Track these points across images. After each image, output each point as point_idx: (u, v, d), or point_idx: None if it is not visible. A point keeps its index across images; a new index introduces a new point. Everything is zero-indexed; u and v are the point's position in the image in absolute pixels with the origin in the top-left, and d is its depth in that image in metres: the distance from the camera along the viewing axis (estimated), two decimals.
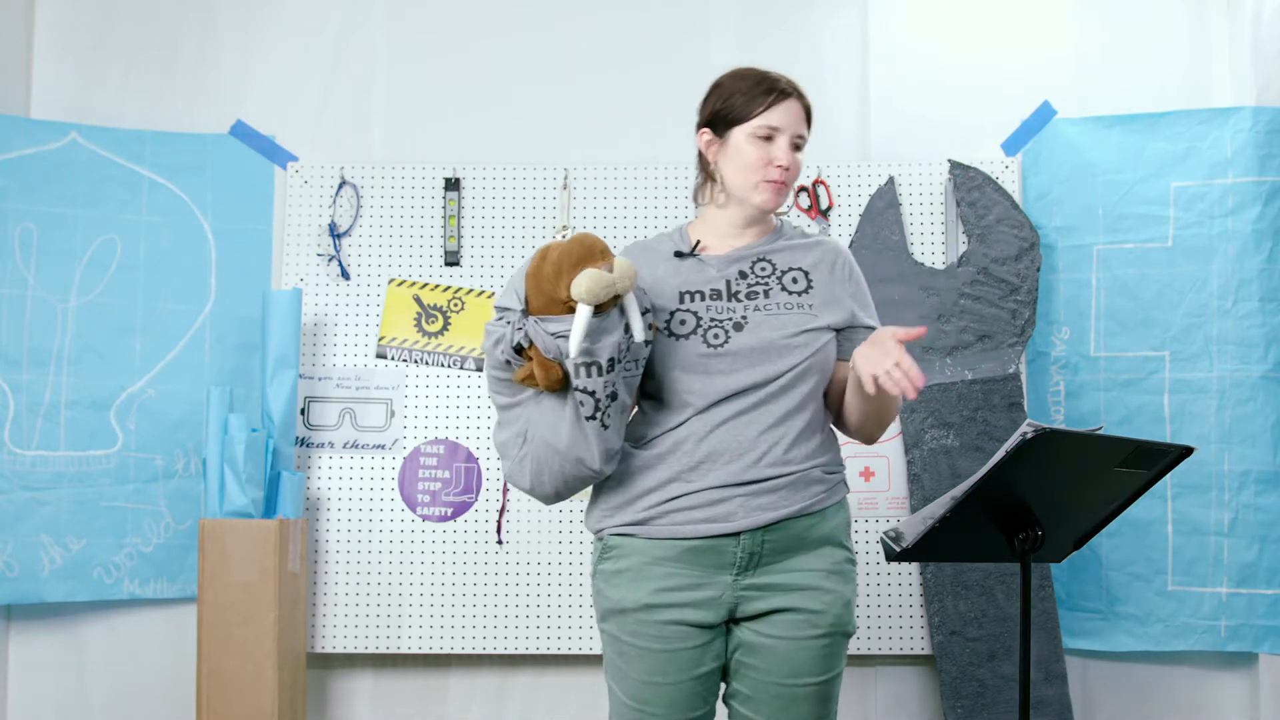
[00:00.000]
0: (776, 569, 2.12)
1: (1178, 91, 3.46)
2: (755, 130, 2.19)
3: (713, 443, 2.11)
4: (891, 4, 3.57)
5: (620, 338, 2.04)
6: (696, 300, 2.18)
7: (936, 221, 3.44)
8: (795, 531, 2.12)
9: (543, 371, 2.06)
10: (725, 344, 2.13)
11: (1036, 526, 2.14)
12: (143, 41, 3.52)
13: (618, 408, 2.09)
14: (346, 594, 3.35)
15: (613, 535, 2.18)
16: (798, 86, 2.23)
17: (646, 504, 2.14)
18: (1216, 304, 3.31)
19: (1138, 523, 3.28)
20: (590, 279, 1.97)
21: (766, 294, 2.18)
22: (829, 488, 2.17)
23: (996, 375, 3.34)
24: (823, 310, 2.19)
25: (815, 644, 2.12)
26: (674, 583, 2.11)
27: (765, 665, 2.13)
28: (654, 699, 2.12)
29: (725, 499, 2.10)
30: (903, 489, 3.36)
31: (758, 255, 2.23)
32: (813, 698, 2.14)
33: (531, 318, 2.06)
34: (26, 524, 3.25)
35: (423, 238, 3.46)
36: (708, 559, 2.11)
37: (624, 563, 2.15)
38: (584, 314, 1.98)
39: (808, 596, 2.12)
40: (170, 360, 3.38)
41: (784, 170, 2.19)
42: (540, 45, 3.55)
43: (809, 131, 2.24)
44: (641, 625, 2.12)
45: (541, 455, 2.13)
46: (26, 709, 3.30)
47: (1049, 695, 3.22)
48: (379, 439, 3.39)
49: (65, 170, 3.37)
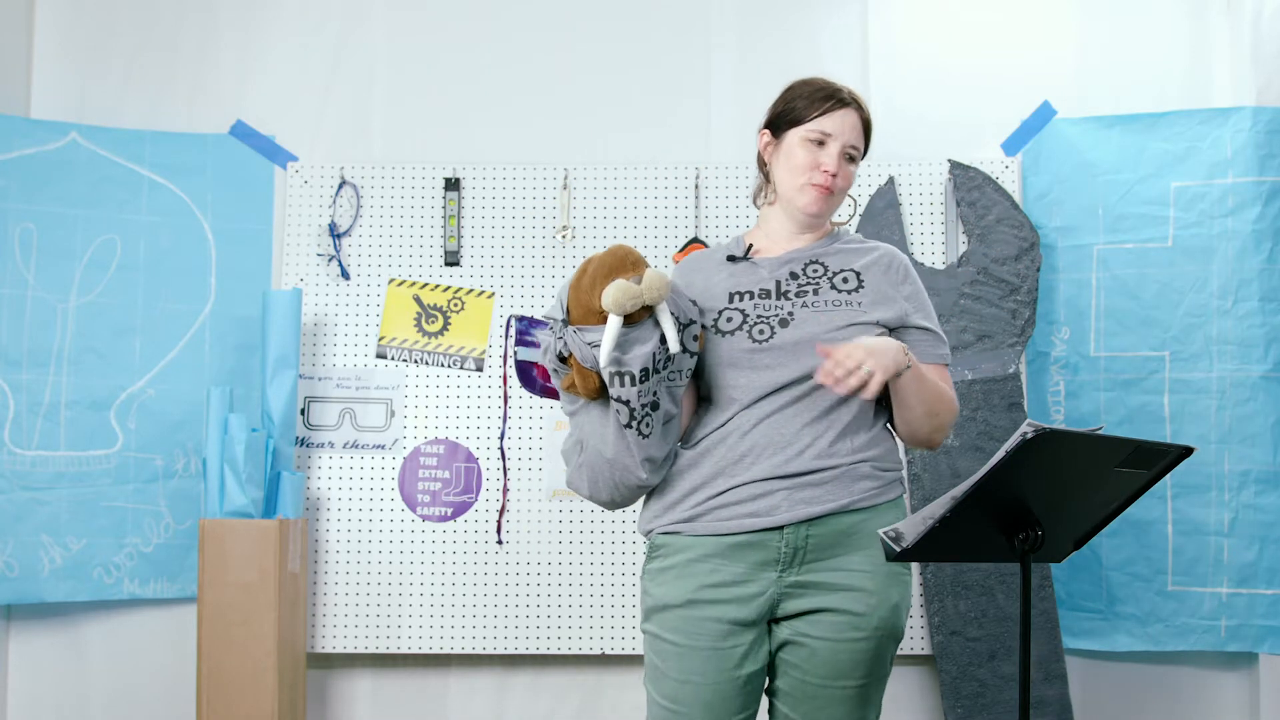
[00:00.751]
0: (821, 566, 2.11)
1: (1178, 91, 3.46)
2: (808, 134, 2.20)
3: (756, 436, 2.11)
4: (891, 4, 3.57)
5: (655, 348, 2.05)
6: (745, 300, 2.20)
7: (936, 221, 3.44)
8: (841, 527, 2.11)
9: (581, 380, 2.10)
10: (771, 339, 2.14)
11: (1036, 526, 2.14)
12: (143, 41, 3.53)
13: (659, 417, 2.10)
14: (346, 594, 3.35)
15: (660, 534, 2.19)
16: (859, 98, 2.24)
17: (693, 501, 2.14)
18: (1216, 304, 3.31)
19: (1138, 523, 3.28)
20: (617, 289, 2.00)
21: (816, 292, 2.19)
22: (881, 485, 2.15)
23: (996, 375, 3.34)
24: (872, 307, 2.18)
25: (857, 646, 2.10)
26: (718, 578, 2.11)
27: (806, 665, 2.12)
28: (689, 698, 2.11)
29: (769, 493, 2.10)
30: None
31: (811, 258, 2.24)
32: (852, 700, 2.12)
33: (571, 327, 2.09)
34: (26, 524, 3.25)
35: (423, 238, 3.46)
36: (752, 554, 2.11)
37: (670, 560, 2.15)
38: (614, 324, 2.01)
39: (852, 598, 2.10)
40: (170, 360, 3.38)
41: (830, 175, 2.19)
42: (540, 46, 3.55)
43: (867, 145, 2.26)
44: (684, 621, 2.11)
45: (594, 463, 2.15)
46: (26, 709, 3.31)
47: (1049, 695, 3.22)
48: (379, 439, 3.39)
49: (65, 170, 3.37)
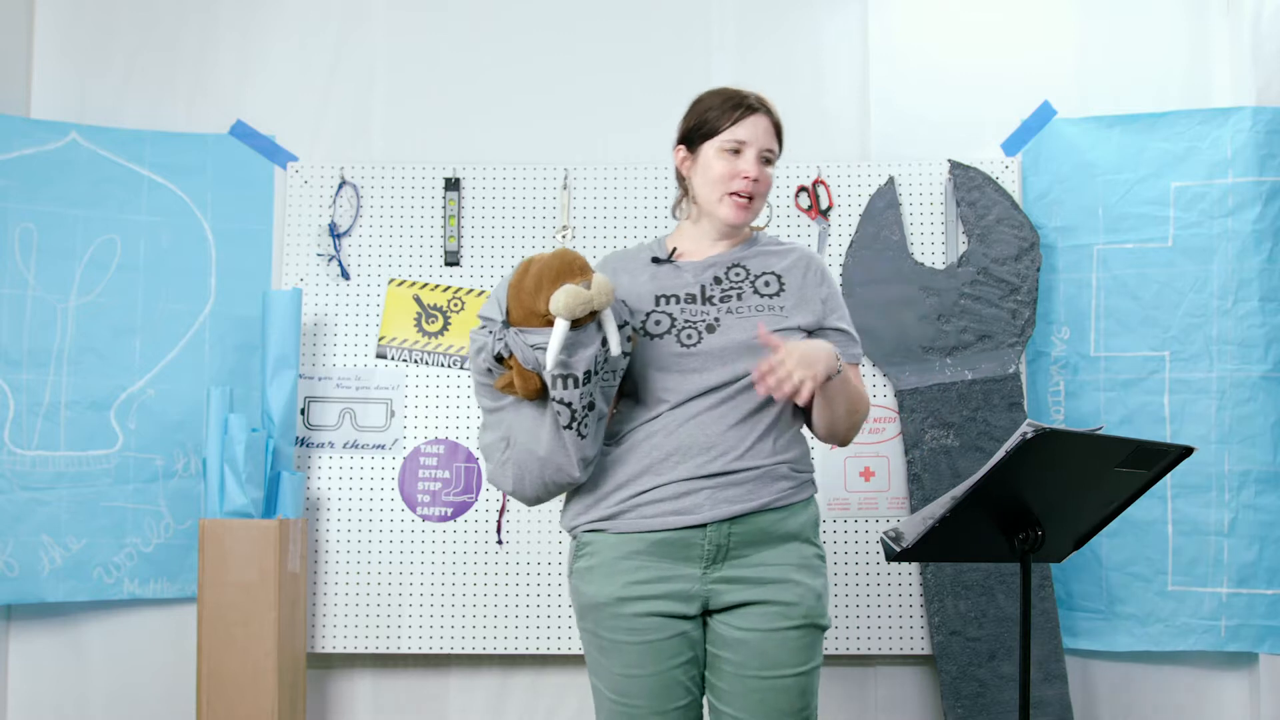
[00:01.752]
0: (744, 563, 2.17)
1: (1178, 91, 3.47)
2: (723, 144, 2.27)
3: (682, 436, 2.18)
4: (891, 4, 3.57)
5: (597, 351, 2.10)
6: (672, 303, 2.26)
7: (936, 221, 3.44)
8: (761, 525, 2.18)
9: (522, 381, 2.12)
10: (698, 344, 2.20)
11: (1036, 526, 2.14)
12: (143, 41, 3.52)
13: (595, 417, 2.15)
14: (346, 594, 3.35)
15: (585, 532, 2.24)
16: (767, 102, 2.31)
17: (617, 498, 2.20)
18: (1216, 304, 3.31)
19: (1138, 523, 3.28)
20: (568, 295, 2.03)
21: (739, 297, 2.26)
22: (796, 484, 2.23)
23: (996, 375, 3.34)
24: (793, 312, 2.26)
25: (789, 635, 2.16)
26: (645, 575, 2.17)
27: (739, 658, 2.16)
28: (635, 691, 2.17)
29: (692, 491, 2.16)
30: (903, 489, 3.36)
31: (732, 261, 2.31)
32: (790, 690, 2.16)
33: (512, 329, 2.12)
34: (26, 524, 3.25)
35: (423, 238, 3.46)
36: (676, 551, 2.16)
37: (596, 559, 2.21)
38: (561, 328, 2.04)
39: (779, 589, 2.17)
40: (170, 360, 3.38)
41: (750, 181, 2.26)
42: (540, 46, 3.55)
43: (780, 147, 2.32)
44: (616, 619, 2.17)
45: (523, 460, 2.19)
46: (26, 709, 3.31)
47: (1049, 695, 3.22)
48: (379, 439, 3.39)
49: (65, 170, 3.37)
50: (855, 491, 3.36)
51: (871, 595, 3.33)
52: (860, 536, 3.35)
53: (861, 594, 3.33)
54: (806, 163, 3.46)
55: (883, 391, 3.39)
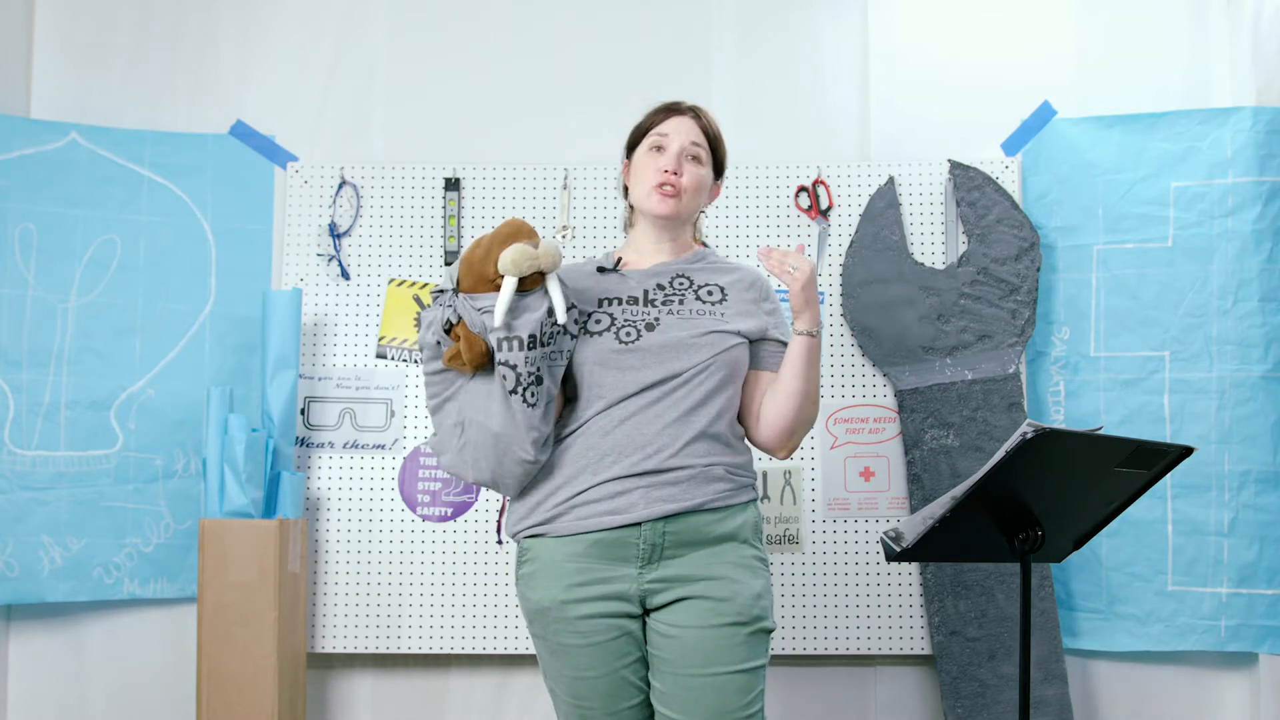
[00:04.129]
0: (679, 562, 2.18)
1: (1178, 91, 3.47)
2: (649, 143, 2.37)
3: (618, 436, 2.19)
4: (891, 4, 3.57)
5: (542, 316, 2.13)
6: (614, 305, 2.31)
7: (936, 221, 3.44)
8: (696, 525, 2.18)
9: (467, 347, 2.15)
10: (636, 341, 2.23)
11: (1036, 526, 2.14)
12: (143, 41, 3.52)
13: (543, 392, 2.17)
14: (346, 594, 3.35)
15: (525, 538, 2.27)
16: (699, 109, 2.41)
17: (554, 502, 2.22)
18: (1216, 304, 3.31)
19: (1138, 523, 3.28)
20: (516, 251, 2.09)
21: (681, 301, 2.30)
22: (733, 487, 2.23)
23: (996, 375, 3.34)
24: (734, 318, 2.30)
25: (724, 632, 2.15)
26: (584, 578, 2.18)
27: (675, 656, 2.16)
28: (588, 693, 2.19)
29: (627, 490, 2.17)
30: (903, 489, 3.36)
31: (677, 271, 2.36)
32: (727, 688, 2.13)
33: (461, 295, 2.17)
34: (26, 524, 3.25)
35: (423, 238, 3.46)
36: (613, 551, 2.18)
37: (538, 564, 2.23)
38: (509, 286, 2.09)
39: (713, 585, 2.17)
40: (170, 360, 3.38)
41: (670, 174, 2.31)
42: (540, 45, 3.55)
43: (717, 156, 2.40)
44: (561, 622, 2.19)
45: (478, 439, 2.21)
46: (26, 709, 3.31)
47: (1049, 695, 3.22)
48: (379, 439, 3.39)
49: (65, 170, 3.37)
50: (855, 491, 3.36)
51: (871, 595, 3.33)
52: (860, 536, 3.35)
53: (861, 594, 3.33)
54: (806, 163, 3.46)
55: (883, 392, 3.39)
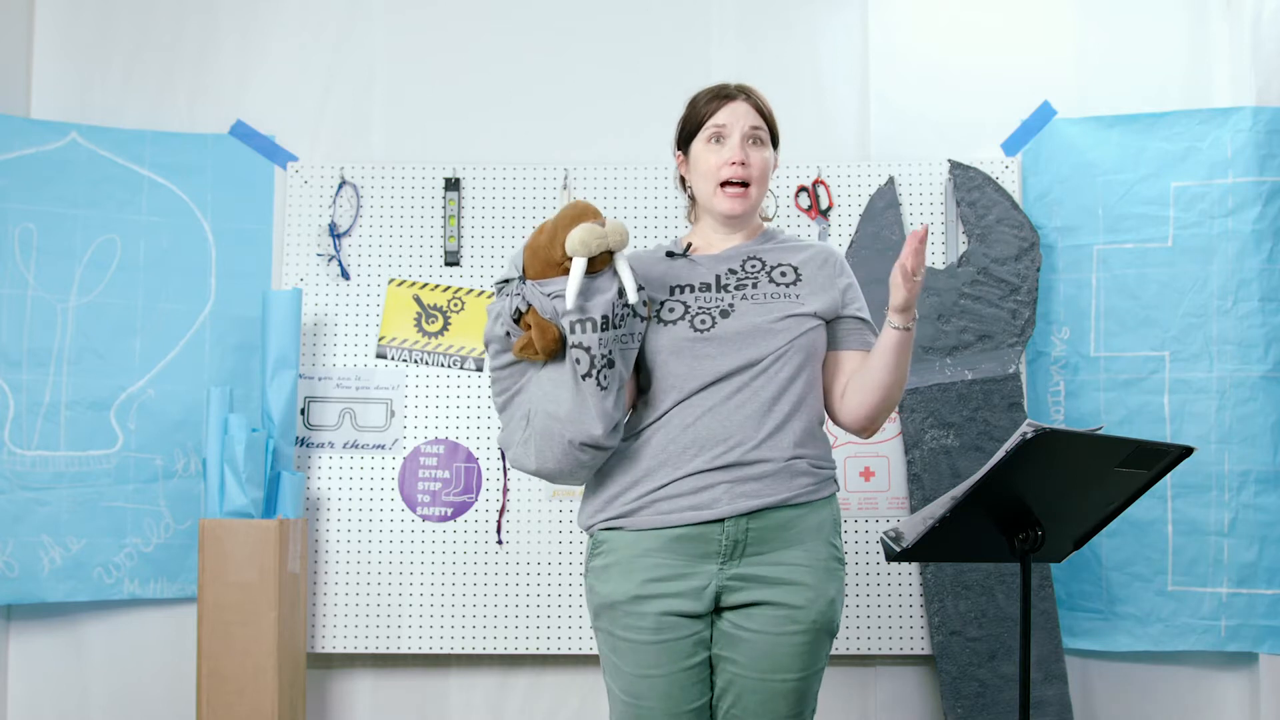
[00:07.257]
0: (761, 560, 2.13)
1: (1178, 91, 3.47)
2: (706, 135, 2.26)
3: (699, 429, 2.13)
4: (891, 4, 3.57)
5: (613, 297, 2.08)
6: (686, 292, 2.23)
7: (936, 221, 3.44)
8: (780, 521, 2.13)
9: (539, 333, 2.11)
10: (712, 328, 2.17)
11: (1036, 526, 2.14)
12: (143, 41, 3.52)
13: (615, 375, 2.11)
14: (346, 594, 3.35)
15: (601, 530, 2.20)
16: (748, 88, 2.29)
17: (633, 495, 2.16)
18: (1216, 304, 3.31)
19: (1138, 523, 3.28)
20: (584, 230, 2.05)
21: (754, 285, 2.22)
22: (818, 481, 2.18)
23: (996, 375, 3.34)
24: (809, 299, 2.21)
25: (796, 640, 2.13)
26: (662, 573, 2.13)
27: (744, 659, 2.13)
28: (648, 692, 2.13)
29: (710, 485, 2.12)
30: (903, 489, 3.36)
31: (748, 254, 2.28)
32: (791, 694, 2.14)
33: (529, 282, 2.12)
34: (26, 524, 3.25)
35: (423, 238, 3.46)
36: (693, 547, 2.12)
37: (612, 557, 2.17)
38: (578, 267, 2.04)
39: (790, 591, 2.13)
40: (170, 360, 3.38)
41: (739, 166, 2.22)
42: (540, 45, 3.55)
43: (774, 133, 2.29)
44: (632, 618, 2.13)
45: (544, 428, 2.14)
46: (26, 709, 3.31)
47: (1049, 695, 3.22)
48: (379, 439, 3.39)
49: (65, 170, 3.37)
50: (855, 491, 3.36)
51: (871, 595, 3.33)
52: (860, 536, 3.35)
53: (861, 594, 3.33)
54: (806, 163, 3.46)
55: None
